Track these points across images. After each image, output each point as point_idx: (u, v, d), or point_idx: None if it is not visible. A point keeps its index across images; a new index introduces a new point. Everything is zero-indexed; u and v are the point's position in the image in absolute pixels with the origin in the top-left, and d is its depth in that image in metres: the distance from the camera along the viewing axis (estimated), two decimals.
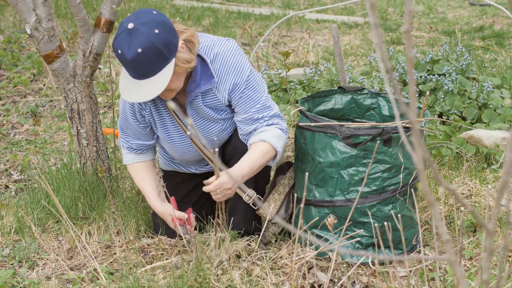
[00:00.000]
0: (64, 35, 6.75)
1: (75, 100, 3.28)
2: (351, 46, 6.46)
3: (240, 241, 2.83)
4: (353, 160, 2.73)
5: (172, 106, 1.41)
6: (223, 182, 2.67)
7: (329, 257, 2.79)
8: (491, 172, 3.50)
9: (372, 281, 2.69)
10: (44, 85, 5.65)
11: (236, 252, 2.76)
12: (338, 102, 3.18)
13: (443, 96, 4.20)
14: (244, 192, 2.80)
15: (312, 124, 2.77)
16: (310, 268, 2.69)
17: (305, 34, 6.92)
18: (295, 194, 2.92)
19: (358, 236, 2.75)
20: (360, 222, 2.76)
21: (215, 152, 2.63)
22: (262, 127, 2.77)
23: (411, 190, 2.80)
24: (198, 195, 3.04)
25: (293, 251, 2.71)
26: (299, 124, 2.85)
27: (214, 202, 2.88)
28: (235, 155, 2.82)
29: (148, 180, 2.96)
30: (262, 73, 4.84)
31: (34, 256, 3.00)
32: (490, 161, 3.62)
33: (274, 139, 2.74)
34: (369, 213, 2.74)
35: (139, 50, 2.48)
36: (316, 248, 2.74)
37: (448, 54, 4.80)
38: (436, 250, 2.15)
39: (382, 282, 2.67)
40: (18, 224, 3.19)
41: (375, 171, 2.73)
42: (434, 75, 4.41)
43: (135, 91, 2.57)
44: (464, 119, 4.14)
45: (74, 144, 3.82)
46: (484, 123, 4.01)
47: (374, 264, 2.74)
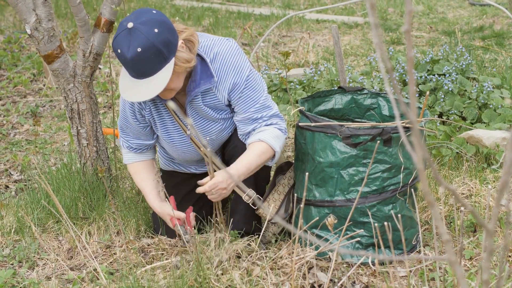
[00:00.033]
0: (64, 35, 6.75)
1: (75, 100, 3.28)
2: (351, 46, 6.46)
3: (240, 241, 2.83)
4: (353, 160, 2.73)
5: (172, 106, 1.41)
6: (218, 182, 2.67)
7: (329, 257, 2.79)
8: (491, 172, 3.50)
9: (372, 281, 2.69)
10: (44, 85, 5.65)
11: (236, 252, 2.76)
12: (338, 102, 3.18)
13: (443, 96, 4.20)
14: (244, 192, 2.80)
15: (312, 124, 2.77)
16: (310, 268, 2.68)
17: (305, 34, 6.92)
18: (295, 194, 2.92)
19: (358, 236, 2.75)
20: (360, 222, 2.76)
21: (208, 152, 2.62)
22: (261, 127, 2.77)
23: (411, 190, 2.80)
24: (198, 195, 3.04)
25: (293, 251, 2.71)
26: (299, 124, 2.85)
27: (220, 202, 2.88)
28: (235, 155, 2.82)
29: (148, 179, 2.96)
30: (262, 73, 4.84)
31: (34, 256, 3.00)
32: (490, 161, 3.62)
33: (272, 139, 2.74)
34: (369, 213, 2.74)
35: (139, 50, 2.48)
36: (316, 248, 2.74)
37: (448, 54, 4.80)
38: (436, 250, 2.15)
39: (382, 282, 2.67)
40: (18, 224, 3.19)
41: (375, 171, 2.73)
42: (434, 75, 4.41)
43: (134, 90, 2.57)
44: (464, 119, 4.14)
45: (74, 144, 3.82)
46: (484, 123, 4.01)
47: (374, 264, 2.74)
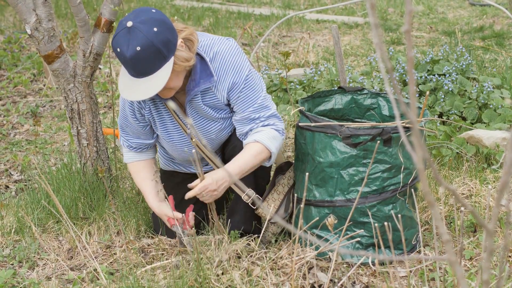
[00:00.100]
0: (64, 35, 6.75)
1: (75, 100, 3.28)
2: (351, 46, 6.46)
3: (240, 241, 2.83)
4: (353, 160, 2.73)
5: (172, 106, 1.41)
6: (207, 184, 2.68)
7: (329, 257, 2.79)
8: (491, 172, 3.50)
9: (372, 281, 2.69)
10: (44, 85, 5.65)
11: (236, 252, 2.76)
12: (338, 102, 3.18)
13: (443, 96, 4.20)
14: (243, 192, 2.81)
15: (312, 124, 2.77)
16: (310, 268, 2.68)
17: (305, 34, 6.92)
18: (295, 194, 2.92)
19: (358, 236, 2.75)
20: (360, 222, 2.76)
21: (194, 154, 2.62)
22: (258, 127, 2.77)
23: (411, 190, 2.80)
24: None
25: (293, 251, 2.71)
26: (299, 124, 2.85)
27: (215, 202, 2.88)
28: (234, 155, 2.82)
29: (147, 179, 2.96)
30: (262, 73, 4.83)
31: (34, 256, 3.00)
32: (490, 161, 3.62)
33: (268, 140, 2.74)
34: (369, 213, 2.74)
35: (138, 49, 2.49)
36: (316, 248, 2.74)
37: (448, 54, 4.80)
38: (436, 250, 2.15)
39: (382, 282, 2.67)
40: (18, 224, 3.19)
41: (375, 171, 2.73)
42: (434, 75, 4.41)
43: (134, 89, 2.57)
44: (464, 119, 4.14)
45: (74, 144, 3.82)
46: (484, 123, 4.01)
47: (374, 264, 2.74)
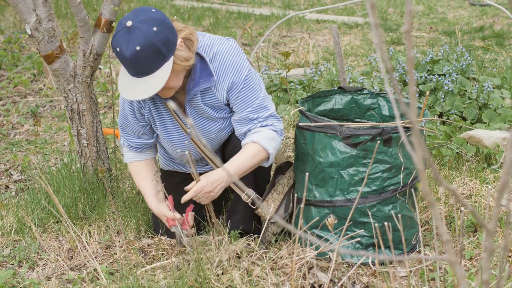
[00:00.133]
0: (64, 35, 6.75)
1: (75, 100, 3.28)
2: (351, 46, 6.46)
3: (240, 241, 2.83)
4: (353, 160, 2.73)
5: (172, 106, 1.41)
6: (202, 186, 2.69)
7: (329, 257, 2.79)
8: (491, 172, 3.50)
9: (372, 281, 2.69)
10: (44, 85, 5.65)
11: (236, 253, 2.76)
12: (338, 102, 3.18)
13: (443, 96, 4.20)
14: (243, 192, 2.81)
15: (312, 124, 2.77)
16: (310, 268, 2.68)
17: (305, 35, 6.92)
18: (295, 194, 2.92)
19: (358, 236, 2.75)
20: (360, 222, 2.76)
21: (190, 159, 2.63)
22: (256, 128, 2.77)
23: (411, 190, 2.80)
24: None
25: (293, 251, 2.71)
26: (299, 124, 2.85)
27: (215, 201, 2.88)
28: (234, 155, 2.82)
29: (147, 179, 2.96)
30: (262, 73, 4.84)
31: (34, 256, 3.00)
32: (490, 161, 3.62)
33: (266, 141, 2.74)
34: (369, 213, 2.74)
35: (138, 48, 2.49)
36: (316, 248, 2.74)
37: (448, 54, 4.80)
38: (436, 250, 2.15)
39: (382, 282, 2.67)
40: (18, 224, 3.19)
41: (375, 171, 2.73)
42: (434, 75, 4.41)
43: (133, 88, 2.58)
44: (464, 119, 4.14)
45: (74, 144, 3.82)
46: (484, 123, 4.01)
47: (374, 264, 2.74)
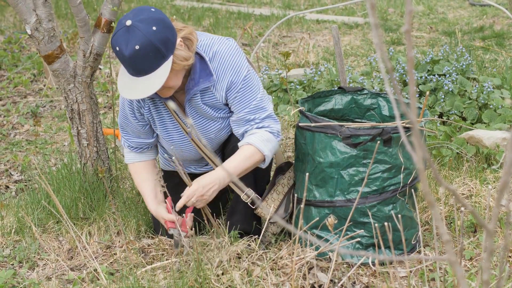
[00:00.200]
0: (64, 35, 6.75)
1: (75, 101, 3.28)
2: (352, 46, 6.46)
3: (240, 241, 2.83)
4: (353, 160, 2.73)
5: (172, 106, 1.41)
6: (193, 190, 2.69)
7: (329, 257, 2.79)
8: (492, 173, 3.50)
9: (372, 281, 2.69)
10: (44, 85, 5.65)
11: (236, 253, 2.76)
12: (338, 102, 3.18)
13: (443, 96, 4.20)
14: (243, 191, 2.80)
15: (312, 124, 2.77)
16: (310, 269, 2.69)
17: (305, 35, 6.92)
18: (295, 195, 2.92)
19: (358, 237, 2.75)
20: (360, 222, 2.76)
21: (178, 164, 2.64)
22: (252, 129, 2.77)
23: (411, 190, 2.80)
24: None
25: (293, 252, 2.71)
26: (299, 124, 2.85)
27: (213, 203, 2.88)
28: None
29: (147, 180, 2.96)
30: (262, 73, 4.84)
31: (34, 256, 3.00)
32: (491, 161, 3.62)
33: (261, 142, 2.74)
34: (369, 213, 2.74)
35: (137, 47, 2.49)
36: (317, 248, 2.74)
37: (448, 54, 4.80)
38: (437, 250, 2.15)
39: (382, 283, 2.67)
40: (18, 224, 3.19)
41: (375, 171, 2.73)
42: (434, 75, 4.41)
43: (132, 88, 2.58)
44: (464, 119, 4.14)
45: (74, 144, 3.82)
46: (485, 123, 4.01)
47: (374, 264, 2.74)
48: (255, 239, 2.89)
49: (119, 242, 3.05)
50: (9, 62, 6.17)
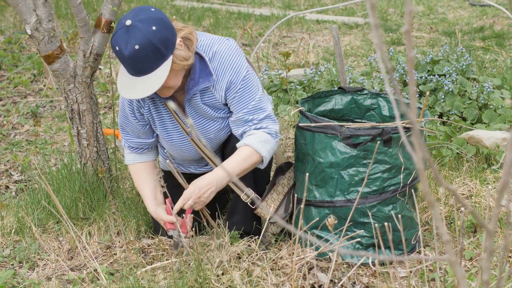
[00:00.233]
0: (64, 35, 6.75)
1: (75, 101, 3.28)
2: (352, 46, 6.46)
3: (241, 242, 2.82)
4: (353, 160, 2.73)
5: (172, 106, 1.41)
6: (190, 193, 2.70)
7: (329, 257, 2.79)
8: (492, 173, 3.50)
9: (372, 281, 2.69)
10: (44, 85, 5.65)
11: (236, 254, 2.76)
12: (338, 102, 3.18)
13: (443, 96, 4.20)
14: (242, 191, 2.80)
15: (312, 124, 2.77)
16: (310, 269, 2.68)
17: (305, 35, 6.92)
18: (295, 195, 2.92)
19: (358, 237, 2.75)
20: (360, 222, 2.76)
21: (173, 168, 2.64)
22: (250, 130, 2.77)
23: (411, 190, 2.80)
24: None
25: (293, 252, 2.71)
26: (299, 124, 2.85)
27: (213, 203, 2.88)
28: None
29: (147, 182, 2.95)
30: (262, 73, 4.84)
31: (34, 256, 3.00)
32: (491, 161, 3.62)
33: (259, 144, 2.73)
34: (369, 213, 2.74)
35: (136, 47, 2.49)
36: (317, 248, 2.74)
37: (449, 54, 4.80)
38: (437, 250, 2.15)
39: (382, 283, 2.67)
40: (18, 224, 3.19)
41: (375, 171, 2.73)
42: (435, 75, 4.41)
43: (132, 87, 2.58)
44: (464, 119, 4.14)
45: (74, 144, 3.82)
46: (485, 123, 4.01)
47: (374, 264, 2.74)
48: (255, 239, 2.88)
49: (119, 242, 3.05)
50: (9, 62, 6.17)
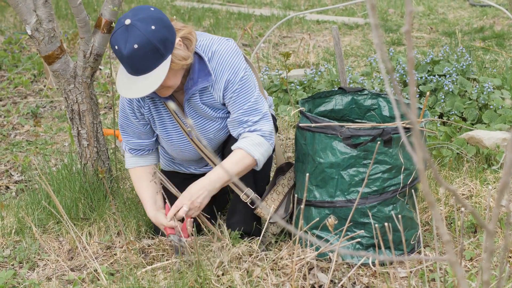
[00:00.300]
0: (64, 36, 6.75)
1: (75, 101, 3.28)
2: (352, 47, 6.46)
3: (242, 243, 2.82)
4: (353, 160, 2.73)
5: (172, 106, 1.41)
6: (181, 201, 2.71)
7: (329, 257, 2.79)
8: (492, 173, 3.50)
9: (372, 282, 2.69)
10: (44, 86, 5.65)
11: (236, 254, 2.76)
12: (339, 103, 3.18)
13: (443, 96, 4.20)
14: (242, 191, 2.80)
15: (313, 124, 2.77)
16: (310, 269, 2.68)
17: (305, 35, 6.92)
18: (296, 195, 2.92)
19: (358, 237, 2.75)
20: (360, 222, 2.76)
21: (163, 178, 2.65)
22: (245, 132, 2.77)
23: (412, 190, 2.80)
24: None
25: (293, 252, 2.71)
26: (300, 125, 2.85)
27: (211, 205, 2.88)
28: None
29: (147, 186, 2.95)
30: (262, 74, 4.84)
31: (34, 257, 3.00)
32: (491, 161, 3.62)
33: (252, 146, 2.73)
34: (369, 213, 2.74)
35: (135, 46, 2.49)
36: (317, 249, 2.74)
37: (449, 55, 4.80)
38: (437, 250, 2.15)
39: (382, 283, 2.67)
40: (18, 225, 3.19)
41: (375, 171, 2.73)
42: (435, 75, 4.41)
43: (131, 87, 2.58)
44: (464, 119, 4.14)
45: (74, 145, 3.82)
46: (485, 123, 4.01)
47: (374, 264, 2.74)
48: (256, 241, 2.88)
49: (119, 242, 3.05)
50: (9, 62, 6.18)
